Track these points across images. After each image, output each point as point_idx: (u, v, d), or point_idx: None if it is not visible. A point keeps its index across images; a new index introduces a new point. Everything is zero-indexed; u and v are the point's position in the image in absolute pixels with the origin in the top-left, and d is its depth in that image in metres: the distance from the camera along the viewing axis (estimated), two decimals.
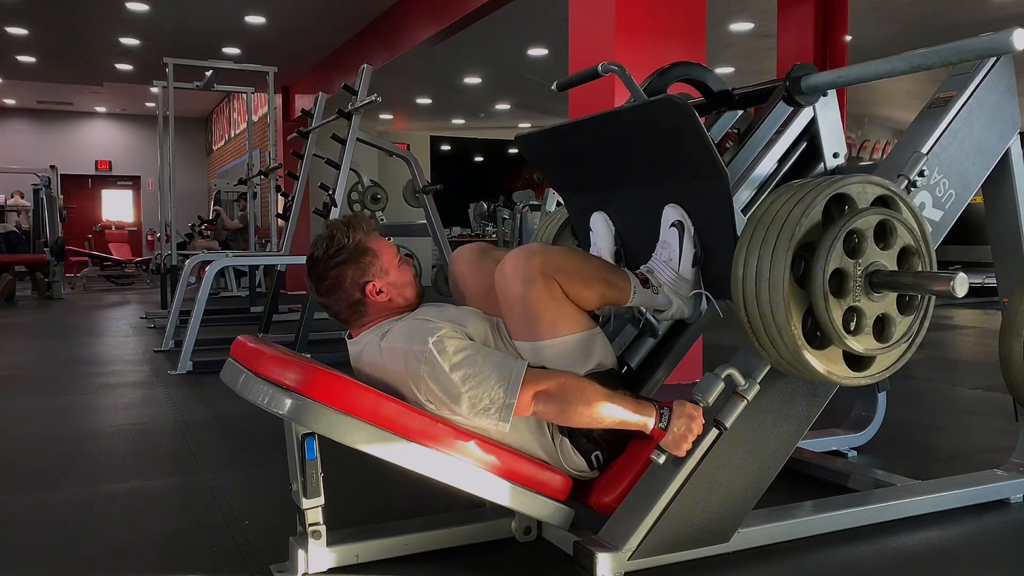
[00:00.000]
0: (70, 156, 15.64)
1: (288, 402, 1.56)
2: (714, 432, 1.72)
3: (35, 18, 8.24)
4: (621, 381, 1.90)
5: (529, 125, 14.66)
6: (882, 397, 2.68)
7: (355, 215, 2.05)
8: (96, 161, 16.63)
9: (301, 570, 1.69)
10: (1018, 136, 2.07)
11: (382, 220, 5.70)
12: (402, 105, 12.29)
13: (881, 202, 1.66)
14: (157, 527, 2.08)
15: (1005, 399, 2.33)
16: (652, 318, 2.11)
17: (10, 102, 15.12)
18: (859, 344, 1.61)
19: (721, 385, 1.73)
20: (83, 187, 16.49)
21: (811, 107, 2.11)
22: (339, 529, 1.76)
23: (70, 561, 1.86)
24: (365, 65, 4.77)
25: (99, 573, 1.80)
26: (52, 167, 10.22)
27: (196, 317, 4.50)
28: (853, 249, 1.60)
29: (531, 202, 8.87)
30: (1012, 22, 8.26)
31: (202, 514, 2.17)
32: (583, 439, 1.81)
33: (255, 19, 8.15)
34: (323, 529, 1.68)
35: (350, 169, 4.81)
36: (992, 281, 2.63)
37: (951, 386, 4.00)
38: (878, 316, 1.63)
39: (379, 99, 4.53)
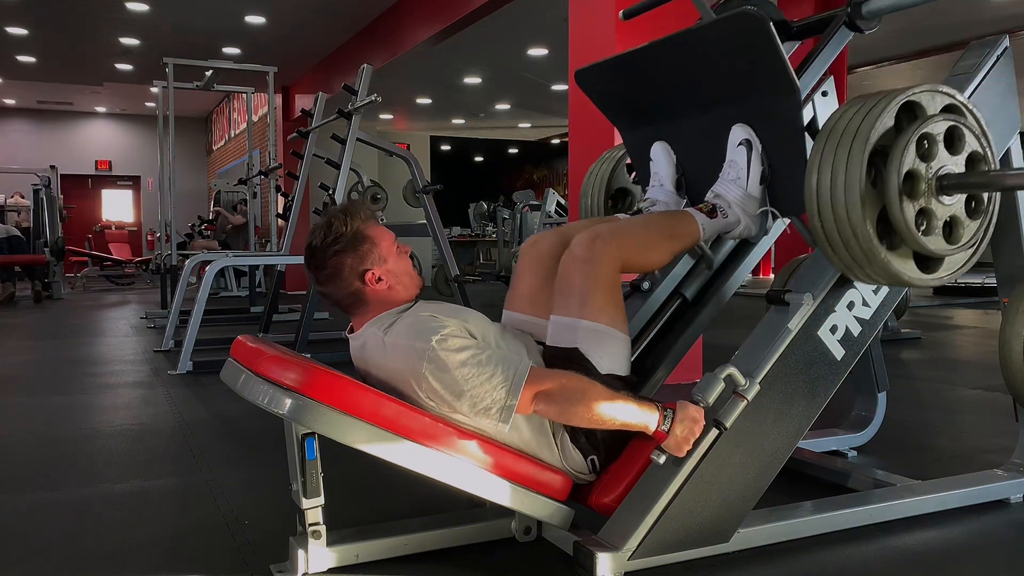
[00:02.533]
0: (70, 156, 15.65)
1: (288, 402, 1.56)
2: (714, 432, 1.72)
3: (35, 18, 8.24)
4: (628, 386, 1.89)
5: (529, 125, 14.66)
6: (882, 397, 2.67)
7: (353, 202, 2.06)
8: (96, 161, 16.64)
9: (301, 570, 1.69)
10: (1018, 136, 2.07)
11: (382, 220, 5.70)
12: (402, 105, 12.30)
13: (949, 110, 1.70)
14: (157, 527, 2.08)
15: (1005, 399, 2.33)
16: (708, 250, 2.17)
17: (10, 102, 15.12)
18: (930, 244, 1.66)
19: (721, 385, 1.73)
20: (83, 187, 16.49)
21: (811, 105, 2.11)
22: (339, 529, 1.75)
23: (70, 561, 1.86)
24: (365, 65, 4.77)
25: (99, 573, 1.80)
26: (52, 167, 10.22)
27: (196, 317, 4.50)
28: (924, 154, 1.65)
29: (531, 202, 8.88)
30: (1012, 22, 8.24)
31: (202, 514, 2.17)
32: (583, 438, 1.81)
33: (255, 19, 8.16)
34: (323, 529, 1.68)
35: (350, 169, 4.82)
36: (992, 281, 2.63)
37: (951, 386, 4.00)
38: (947, 219, 1.69)
39: (379, 99, 4.54)
